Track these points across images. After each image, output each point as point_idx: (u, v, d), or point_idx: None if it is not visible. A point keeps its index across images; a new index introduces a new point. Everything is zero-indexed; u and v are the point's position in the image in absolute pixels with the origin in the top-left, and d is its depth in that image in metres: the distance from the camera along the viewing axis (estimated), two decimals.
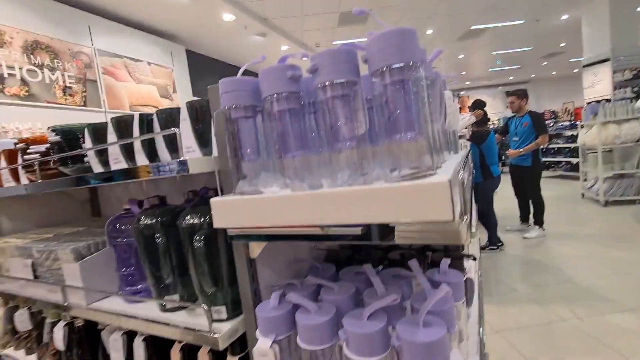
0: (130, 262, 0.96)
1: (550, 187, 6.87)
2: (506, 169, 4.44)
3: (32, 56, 3.55)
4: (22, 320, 1.30)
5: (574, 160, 7.47)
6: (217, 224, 0.62)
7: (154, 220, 0.81)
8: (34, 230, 1.46)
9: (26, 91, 3.48)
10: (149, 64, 4.91)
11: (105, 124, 0.85)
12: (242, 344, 0.81)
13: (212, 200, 0.62)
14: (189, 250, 0.74)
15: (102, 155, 0.88)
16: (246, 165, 0.67)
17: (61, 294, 1.03)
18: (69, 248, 0.98)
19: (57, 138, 0.92)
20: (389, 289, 0.66)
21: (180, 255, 0.83)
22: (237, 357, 0.79)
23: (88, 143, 0.88)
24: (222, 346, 0.70)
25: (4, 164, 1.13)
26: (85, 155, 0.92)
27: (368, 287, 0.70)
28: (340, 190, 0.51)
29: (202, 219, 0.73)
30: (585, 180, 6.07)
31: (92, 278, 0.99)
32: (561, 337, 2.19)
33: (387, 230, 0.50)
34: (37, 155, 1.00)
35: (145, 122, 0.83)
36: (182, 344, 0.89)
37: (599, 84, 6.27)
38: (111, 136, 0.84)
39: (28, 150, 1.01)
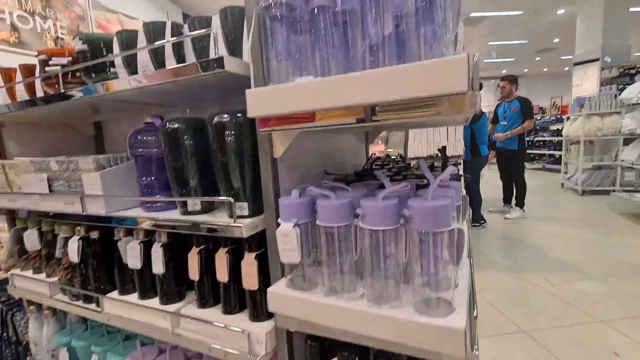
0: (151, 173, 1.02)
1: (533, 178, 7.15)
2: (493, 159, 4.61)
3: (23, 2, 3.41)
4: (32, 240, 1.34)
5: (557, 154, 7.76)
6: (251, 112, 0.68)
7: (180, 125, 0.87)
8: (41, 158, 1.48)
9: (16, 37, 3.36)
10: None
11: (136, 31, 0.88)
12: (259, 244, 0.88)
13: (248, 90, 0.68)
14: (218, 146, 0.80)
15: (131, 66, 0.91)
16: (278, 68, 0.72)
17: (80, 204, 1.07)
18: (90, 158, 1.03)
19: (84, 47, 0.94)
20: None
21: (205, 160, 0.89)
22: (255, 254, 0.87)
23: (116, 51, 0.91)
24: (245, 234, 0.78)
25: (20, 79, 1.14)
26: (112, 66, 0.95)
27: None
28: (370, 72, 0.57)
29: (232, 119, 0.79)
30: (566, 172, 6.35)
31: (113, 189, 1.04)
32: (534, 299, 2.39)
33: None
34: (59, 67, 1.02)
35: (176, 32, 0.87)
36: (200, 247, 0.96)
37: (587, 81, 6.49)
38: (141, 44, 0.87)
39: (50, 62, 1.03)
